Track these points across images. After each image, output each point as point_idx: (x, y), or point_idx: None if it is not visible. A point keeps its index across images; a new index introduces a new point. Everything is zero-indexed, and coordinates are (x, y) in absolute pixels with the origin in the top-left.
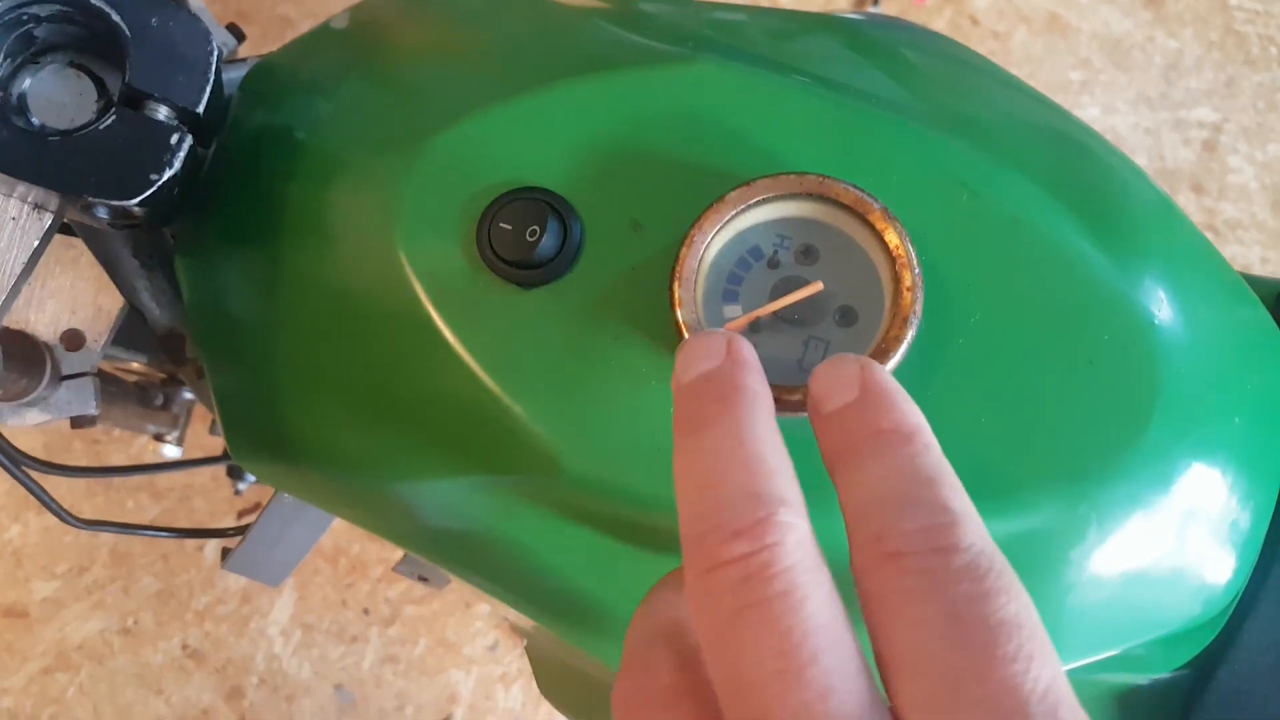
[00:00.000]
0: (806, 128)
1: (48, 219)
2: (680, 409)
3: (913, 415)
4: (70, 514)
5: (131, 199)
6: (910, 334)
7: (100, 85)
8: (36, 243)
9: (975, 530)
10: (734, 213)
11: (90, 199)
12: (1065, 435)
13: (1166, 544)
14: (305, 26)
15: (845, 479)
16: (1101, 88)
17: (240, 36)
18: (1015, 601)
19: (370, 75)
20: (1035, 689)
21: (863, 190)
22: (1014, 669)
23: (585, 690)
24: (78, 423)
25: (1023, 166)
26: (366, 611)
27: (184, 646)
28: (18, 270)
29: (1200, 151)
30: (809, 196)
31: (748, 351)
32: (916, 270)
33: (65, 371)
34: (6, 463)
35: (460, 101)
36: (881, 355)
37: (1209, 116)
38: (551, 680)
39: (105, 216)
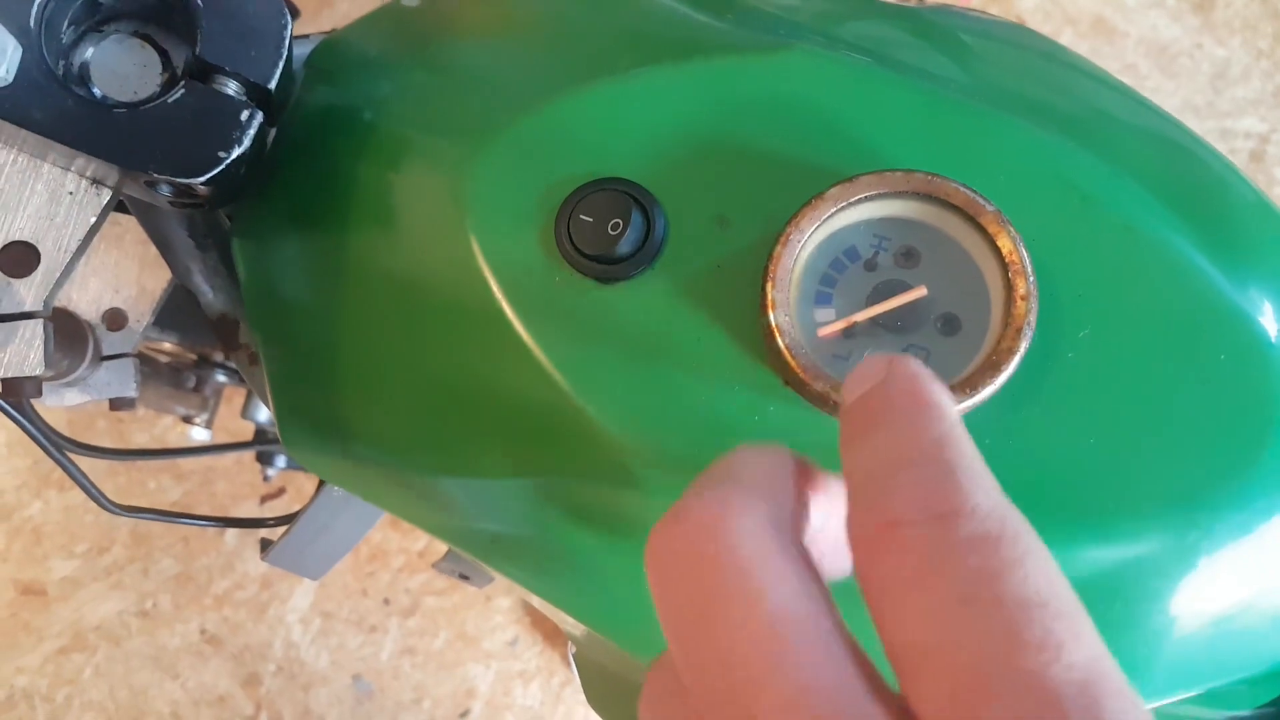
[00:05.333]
0: (906, 123)
1: (106, 195)
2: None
3: (930, 390)
4: (108, 499)
5: (198, 177)
6: (1024, 345)
7: (165, 57)
8: (94, 219)
9: (983, 488)
10: (833, 210)
11: (155, 175)
12: (1177, 458)
13: (1271, 577)
14: (343, 5)
15: (849, 456)
16: (1147, 94)
17: (295, 12)
18: (1037, 573)
19: (444, 55)
20: (1070, 678)
21: (974, 191)
22: (1042, 657)
23: (633, 699)
24: (116, 404)
25: (1133, 171)
26: (387, 601)
27: (202, 631)
28: (73, 247)
29: (1247, 162)
30: (915, 196)
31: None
32: (1031, 278)
33: (106, 351)
34: (48, 446)
35: (540, 86)
36: (992, 368)
37: (1256, 127)
38: (601, 690)
39: (167, 194)
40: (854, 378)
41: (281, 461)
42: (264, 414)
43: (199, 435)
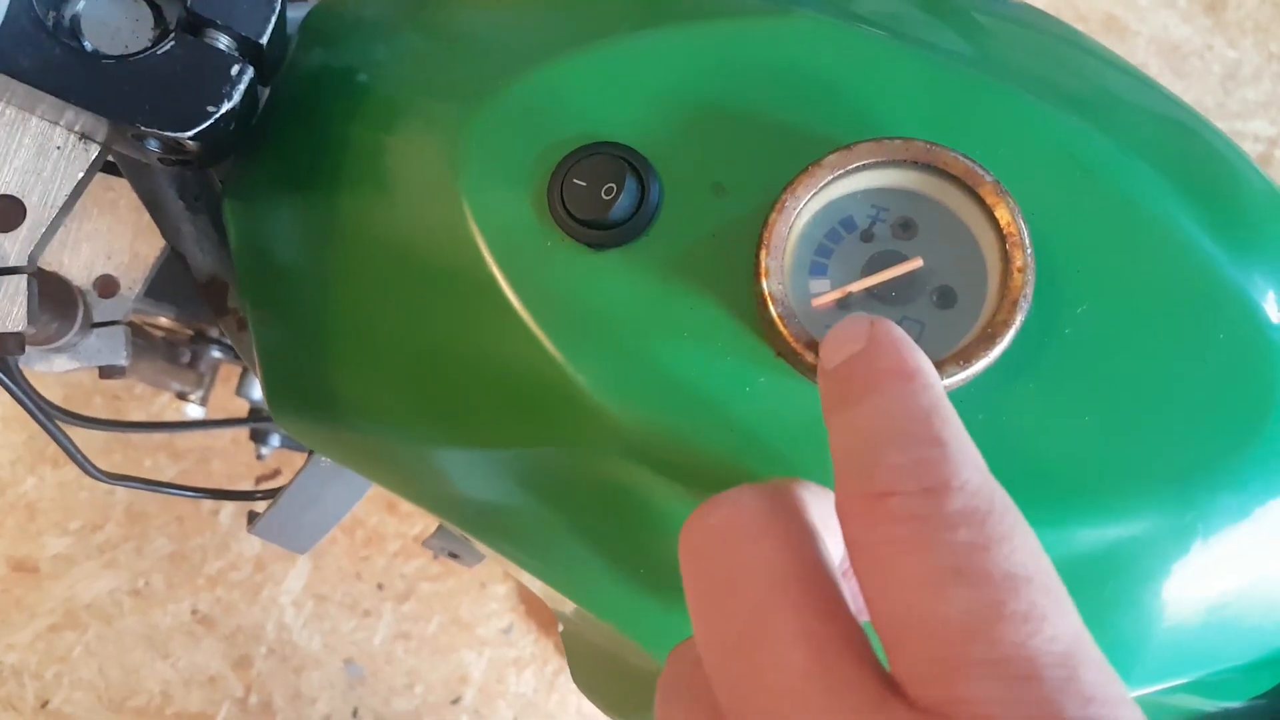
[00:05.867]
0: (906, 92)
1: (94, 150)
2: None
3: (916, 359)
4: (94, 466)
5: (187, 131)
6: (1019, 318)
7: (157, 12)
8: (81, 174)
9: (972, 465)
10: (830, 178)
11: (143, 129)
12: (1174, 438)
13: (1268, 563)
14: None
15: (836, 422)
16: None
17: None
18: (1022, 549)
19: (439, 18)
20: (1051, 649)
21: (973, 161)
22: (1025, 629)
23: (622, 681)
24: (106, 373)
25: (1137, 148)
26: (381, 586)
27: (194, 611)
28: (59, 202)
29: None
30: (913, 165)
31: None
32: (1029, 250)
33: (97, 319)
34: (35, 411)
35: (535, 48)
36: (988, 340)
37: (1265, 130)
38: (587, 669)
39: (156, 150)
40: (834, 340)
41: (275, 440)
42: (259, 392)
43: (193, 412)
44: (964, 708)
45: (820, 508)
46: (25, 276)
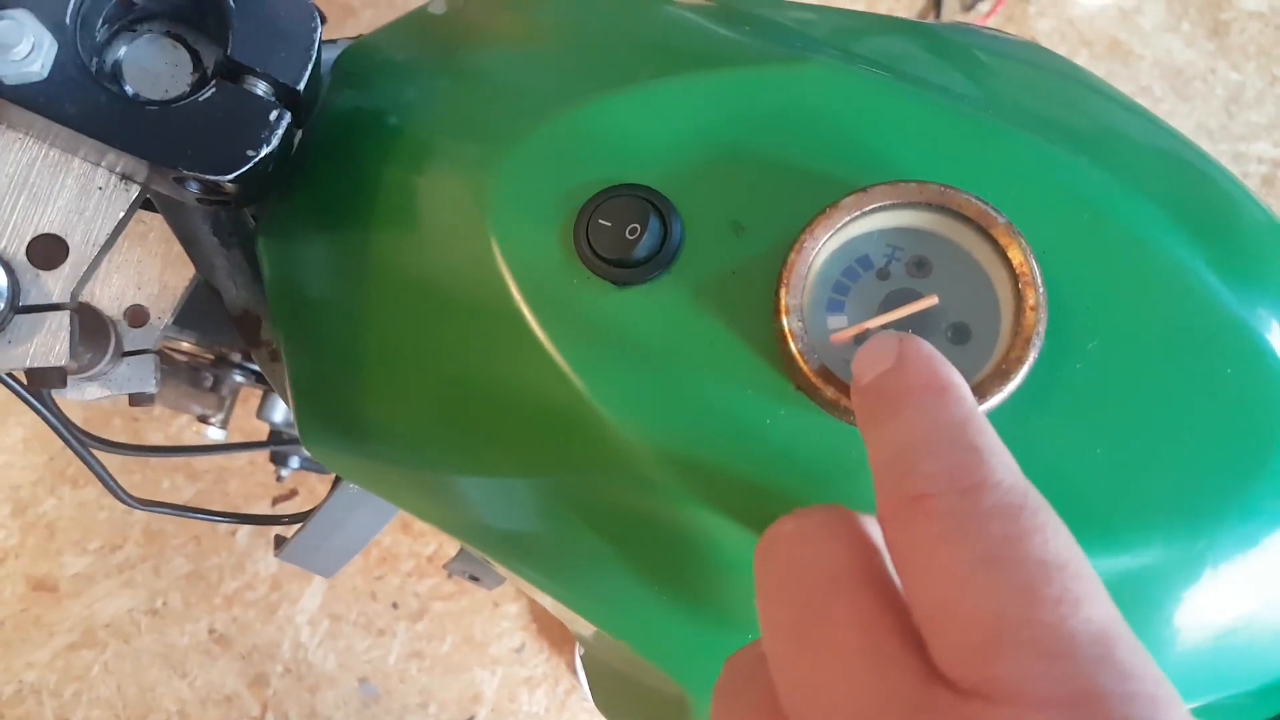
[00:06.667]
0: (920, 136)
1: (134, 191)
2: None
3: (947, 373)
4: (126, 493)
5: (227, 175)
6: (1032, 356)
7: (196, 57)
8: (122, 214)
9: (1005, 466)
10: (847, 219)
11: (185, 172)
12: (1183, 470)
13: (1275, 589)
14: (366, 13)
15: (874, 436)
16: (1161, 116)
17: (322, 18)
18: (1055, 539)
19: (469, 62)
20: (1086, 629)
21: (986, 203)
22: (1060, 610)
23: (642, 703)
24: (136, 400)
25: (1145, 187)
26: (395, 605)
27: (211, 630)
28: (101, 241)
29: (1259, 186)
30: (927, 207)
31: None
32: (1041, 289)
33: (127, 348)
34: (70, 440)
35: (561, 93)
36: (1001, 377)
37: (1269, 152)
38: (607, 691)
39: (195, 191)
40: (864, 358)
41: (295, 462)
42: (279, 415)
43: (214, 435)
44: (1001, 684)
45: (879, 534)
46: (68, 313)
